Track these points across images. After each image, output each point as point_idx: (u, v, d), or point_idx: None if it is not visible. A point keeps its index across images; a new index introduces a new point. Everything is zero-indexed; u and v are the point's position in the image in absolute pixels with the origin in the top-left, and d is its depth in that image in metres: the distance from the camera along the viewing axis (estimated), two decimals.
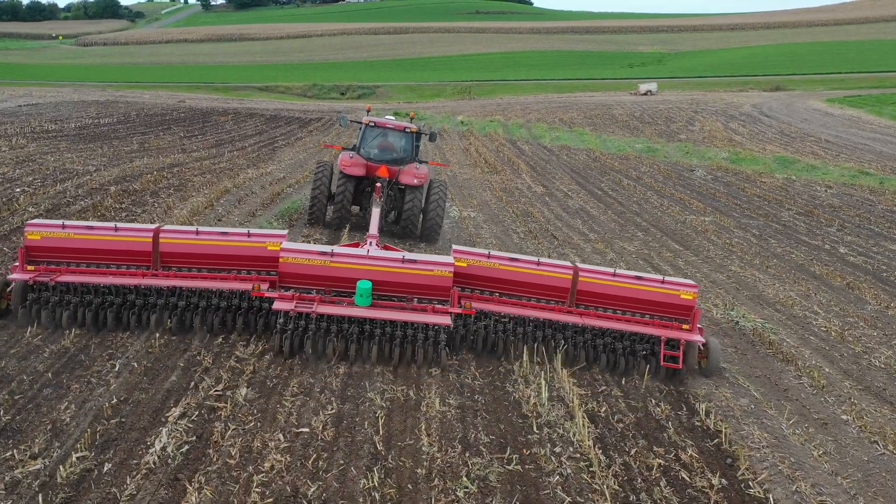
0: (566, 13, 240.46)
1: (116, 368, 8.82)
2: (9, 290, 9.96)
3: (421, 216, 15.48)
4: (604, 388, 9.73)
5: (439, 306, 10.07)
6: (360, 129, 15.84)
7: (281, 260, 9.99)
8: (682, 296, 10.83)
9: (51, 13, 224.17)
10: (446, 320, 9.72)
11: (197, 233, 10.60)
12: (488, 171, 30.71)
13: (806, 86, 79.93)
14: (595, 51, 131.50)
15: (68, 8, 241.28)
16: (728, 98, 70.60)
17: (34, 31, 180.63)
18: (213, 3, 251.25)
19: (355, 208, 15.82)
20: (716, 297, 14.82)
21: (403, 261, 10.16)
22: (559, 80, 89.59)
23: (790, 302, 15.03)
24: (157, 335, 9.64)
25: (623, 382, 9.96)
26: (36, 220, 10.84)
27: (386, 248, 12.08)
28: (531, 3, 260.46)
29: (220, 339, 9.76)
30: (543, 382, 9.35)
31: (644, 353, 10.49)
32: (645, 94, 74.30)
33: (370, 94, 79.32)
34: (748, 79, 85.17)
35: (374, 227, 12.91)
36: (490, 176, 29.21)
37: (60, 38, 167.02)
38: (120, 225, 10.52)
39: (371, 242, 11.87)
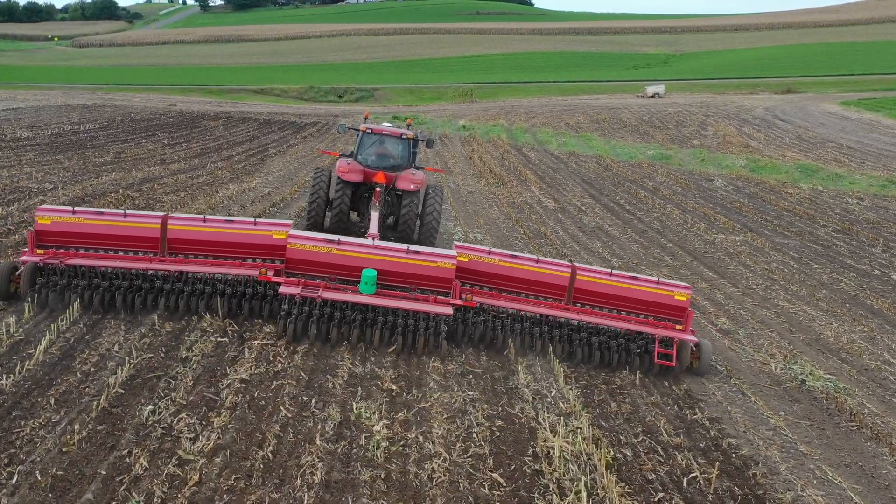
0: (567, 14, 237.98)
1: (14, 480, 6.54)
2: (18, 273, 10.17)
3: (418, 221, 15.40)
4: (661, 495, 7.44)
5: (441, 297, 10.41)
6: (358, 135, 15.73)
7: (288, 246, 10.33)
8: (676, 297, 11.21)
9: (48, 14, 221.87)
10: (448, 310, 10.09)
11: (204, 220, 10.92)
12: (494, 182, 28.43)
13: (818, 88, 77.64)
14: (598, 52, 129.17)
15: (65, 9, 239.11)
16: (739, 101, 68.31)
17: (30, 32, 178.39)
18: (211, 4, 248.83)
19: (353, 214, 15.81)
20: (770, 345, 12.54)
21: (408, 251, 10.57)
22: (563, 83, 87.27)
23: (856, 348, 12.77)
24: (77, 427, 7.35)
25: (685, 485, 7.67)
26: (46, 206, 11.43)
27: None
28: (532, 5, 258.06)
29: (159, 431, 7.47)
30: (584, 489, 7.08)
31: (638, 350, 10.69)
32: (652, 96, 72.06)
33: (368, 96, 77.01)
34: (758, 81, 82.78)
35: (373, 228, 13.12)
36: (496, 188, 26.93)
37: (56, 39, 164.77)
38: (129, 211, 11.04)
39: (372, 239, 11.86)
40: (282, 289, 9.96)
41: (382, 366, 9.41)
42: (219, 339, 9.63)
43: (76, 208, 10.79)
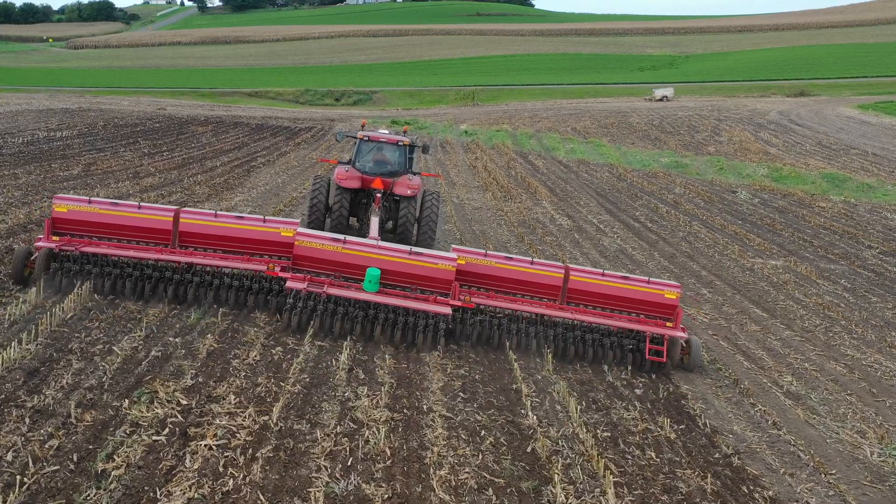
0: (568, 15, 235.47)
1: None
2: (32, 258, 10.56)
3: (416, 225, 15.59)
4: None
5: (441, 298, 10.78)
6: (356, 143, 16.00)
7: (296, 243, 10.72)
8: (667, 295, 11.51)
9: (44, 15, 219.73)
10: (447, 310, 10.44)
11: (216, 216, 11.41)
12: (501, 195, 26.03)
13: (832, 91, 75.15)
14: (602, 53, 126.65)
15: (62, 10, 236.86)
16: (751, 104, 65.85)
17: (25, 33, 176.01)
18: (209, 5, 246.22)
19: (352, 220, 16.03)
20: (854, 415, 10.14)
21: (410, 253, 10.98)
22: (568, 86, 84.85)
23: None
24: None
25: None
26: (63, 194, 11.79)
27: None
28: (532, 6, 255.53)
29: None
30: None
31: (630, 347, 11.04)
32: (661, 99, 69.61)
33: (367, 99, 74.58)
34: (770, 83, 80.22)
35: (373, 232, 13.20)
36: (504, 203, 24.52)
37: (50, 40, 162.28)
38: (143, 204, 11.42)
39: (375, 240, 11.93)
40: (288, 284, 10.27)
41: (372, 477, 6.97)
42: (154, 437, 7.20)
43: (92, 198, 11.25)
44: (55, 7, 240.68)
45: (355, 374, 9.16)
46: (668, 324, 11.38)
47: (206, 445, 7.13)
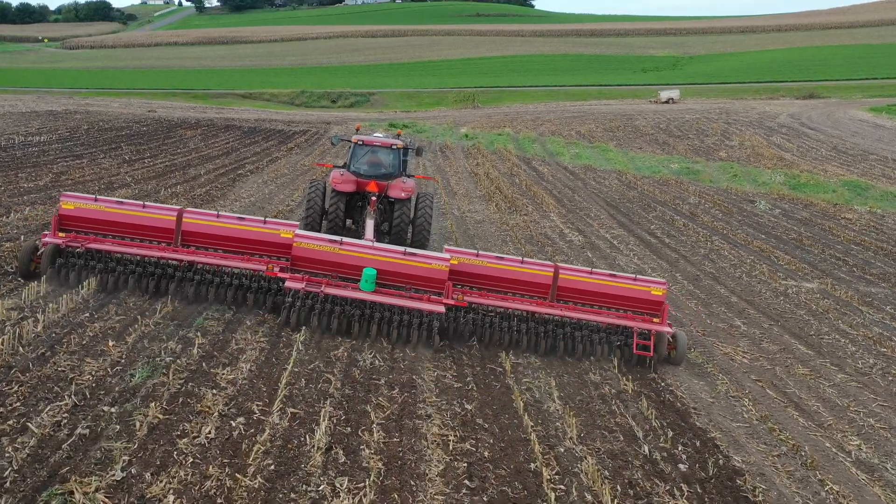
0: (568, 15, 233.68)
1: None
2: (39, 253, 10.96)
3: (411, 227, 15.82)
4: None
5: (434, 297, 11.13)
6: (350, 147, 16.32)
7: (294, 244, 11.14)
8: (653, 292, 11.84)
9: (41, 15, 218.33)
10: (440, 308, 10.82)
11: (217, 216, 11.62)
12: (506, 207, 24.20)
13: (841, 93, 73.32)
14: (604, 54, 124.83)
15: (59, 10, 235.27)
16: (760, 107, 64.01)
17: (20, 33, 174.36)
18: (207, 5, 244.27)
19: (348, 222, 16.22)
20: None
21: (405, 253, 11.38)
22: (570, 87, 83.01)
23: None
24: None
25: None
26: (70, 193, 11.81)
27: None
28: (532, 6, 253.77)
29: None
30: None
31: (618, 343, 11.45)
32: (666, 101, 67.81)
33: (364, 101, 72.76)
34: (778, 85, 78.40)
35: (369, 234, 13.55)
36: (509, 216, 22.69)
37: (46, 40, 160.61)
38: (148, 203, 11.68)
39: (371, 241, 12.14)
40: (287, 283, 10.51)
41: None
42: None
43: (98, 196, 11.45)
44: (52, 7, 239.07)
45: (334, 457, 7.27)
46: (654, 319, 11.69)
47: None
